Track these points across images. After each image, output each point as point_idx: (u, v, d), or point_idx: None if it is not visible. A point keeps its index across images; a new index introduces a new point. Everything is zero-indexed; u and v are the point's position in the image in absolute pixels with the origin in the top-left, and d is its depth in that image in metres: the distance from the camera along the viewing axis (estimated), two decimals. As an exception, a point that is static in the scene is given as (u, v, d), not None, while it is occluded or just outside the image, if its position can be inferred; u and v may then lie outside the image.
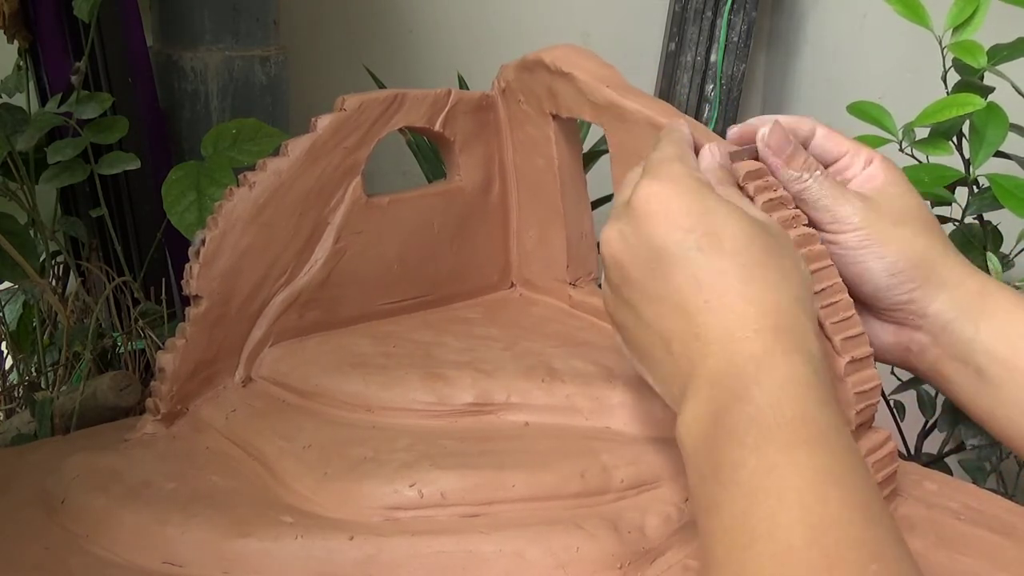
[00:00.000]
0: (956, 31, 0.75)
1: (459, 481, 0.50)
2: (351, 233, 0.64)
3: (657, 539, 0.49)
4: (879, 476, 0.52)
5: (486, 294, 0.72)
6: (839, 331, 0.50)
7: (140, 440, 0.57)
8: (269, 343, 0.62)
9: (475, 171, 0.69)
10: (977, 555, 0.50)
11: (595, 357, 0.60)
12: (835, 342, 0.50)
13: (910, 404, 0.90)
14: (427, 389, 0.57)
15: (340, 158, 0.62)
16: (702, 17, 1.22)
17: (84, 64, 0.85)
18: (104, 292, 0.81)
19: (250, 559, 0.47)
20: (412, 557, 0.47)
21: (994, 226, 0.79)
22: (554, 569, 0.47)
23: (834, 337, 0.50)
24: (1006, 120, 0.72)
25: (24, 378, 0.89)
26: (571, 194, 0.69)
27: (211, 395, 0.60)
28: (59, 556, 0.48)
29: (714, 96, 1.22)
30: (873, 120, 0.76)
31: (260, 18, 0.97)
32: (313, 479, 0.51)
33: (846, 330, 0.50)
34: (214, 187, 0.77)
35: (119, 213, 0.94)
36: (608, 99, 0.60)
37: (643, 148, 0.58)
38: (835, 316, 0.50)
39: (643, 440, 0.54)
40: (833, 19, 1.27)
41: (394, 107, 0.64)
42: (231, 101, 0.97)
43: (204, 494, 0.51)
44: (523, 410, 0.57)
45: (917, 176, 0.72)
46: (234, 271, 0.59)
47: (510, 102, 0.68)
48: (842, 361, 0.50)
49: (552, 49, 0.64)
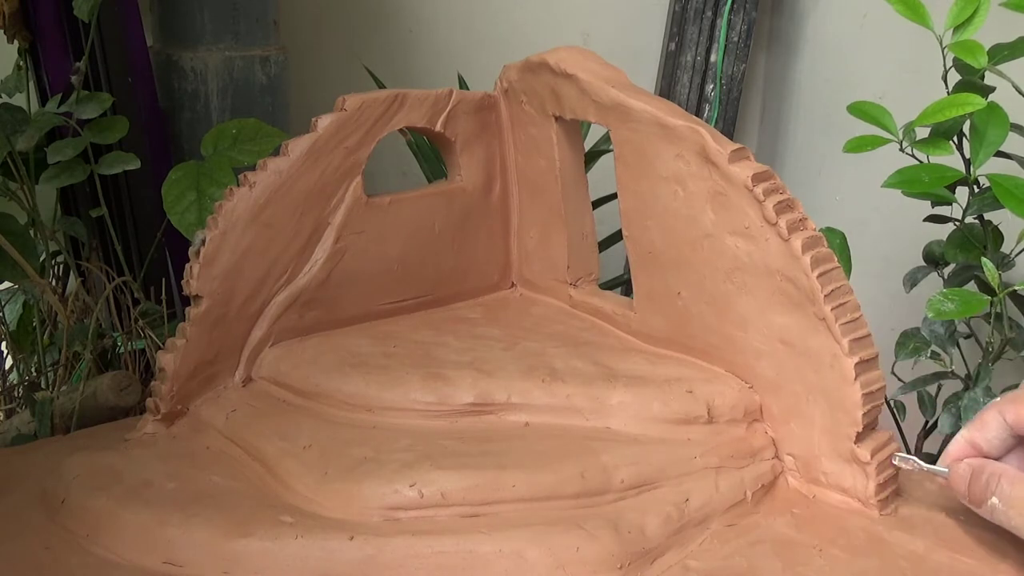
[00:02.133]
0: (957, 31, 0.75)
1: (459, 481, 0.50)
2: (352, 233, 0.64)
3: (657, 539, 0.49)
4: (882, 477, 0.52)
5: (487, 294, 0.72)
6: (848, 333, 0.50)
7: (140, 440, 0.57)
8: (269, 343, 0.62)
9: (476, 171, 0.69)
10: (977, 555, 0.50)
11: (595, 357, 0.60)
12: (844, 344, 0.50)
13: (910, 404, 0.90)
14: (427, 389, 0.57)
15: (341, 158, 0.62)
16: (702, 17, 1.22)
17: (84, 64, 0.85)
18: (104, 292, 0.81)
19: (250, 559, 0.47)
20: (412, 557, 0.47)
21: (994, 226, 0.79)
22: (554, 569, 0.47)
23: (843, 339, 0.50)
24: (1007, 120, 0.72)
25: (24, 378, 0.89)
26: (572, 195, 0.69)
27: (211, 395, 0.60)
28: (59, 556, 0.48)
29: (714, 96, 1.22)
30: (873, 120, 0.76)
31: (260, 18, 0.97)
32: (313, 479, 0.51)
33: (854, 331, 0.51)
34: (214, 187, 0.77)
35: (119, 213, 0.93)
36: (614, 99, 0.60)
37: (647, 147, 0.58)
38: (844, 317, 0.50)
39: (643, 440, 0.54)
40: (833, 19, 1.27)
41: (395, 107, 0.64)
42: (231, 101, 0.96)
43: (204, 494, 0.51)
44: (523, 410, 0.57)
45: (917, 176, 0.72)
46: (234, 271, 0.59)
47: (512, 103, 0.68)
48: (851, 362, 0.50)
49: (556, 51, 0.64)
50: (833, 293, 0.50)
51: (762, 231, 0.52)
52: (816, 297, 0.51)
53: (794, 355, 0.53)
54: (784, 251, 0.52)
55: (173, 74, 0.96)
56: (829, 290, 0.50)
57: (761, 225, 0.52)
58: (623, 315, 0.65)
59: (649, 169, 0.59)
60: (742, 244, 0.54)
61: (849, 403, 0.51)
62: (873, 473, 0.52)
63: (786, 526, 0.52)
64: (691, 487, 0.52)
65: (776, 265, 0.52)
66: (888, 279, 0.94)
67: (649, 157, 0.58)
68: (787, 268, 0.52)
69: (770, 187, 0.51)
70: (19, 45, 0.92)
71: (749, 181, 0.52)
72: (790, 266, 0.52)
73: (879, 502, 0.52)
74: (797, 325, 0.53)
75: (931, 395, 0.89)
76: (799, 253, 0.51)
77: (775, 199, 0.51)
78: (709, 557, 0.49)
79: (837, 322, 0.50)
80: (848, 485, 0.53)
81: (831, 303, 0.50)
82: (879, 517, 0.52)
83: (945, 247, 0.80)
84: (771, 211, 0.51)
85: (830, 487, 0.54)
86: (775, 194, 0.51)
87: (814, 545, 0.50)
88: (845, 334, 0.50)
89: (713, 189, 0.55)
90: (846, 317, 0.50)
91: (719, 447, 0.54)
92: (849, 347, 0.50)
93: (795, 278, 0.52)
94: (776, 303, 0.53)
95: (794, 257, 0.51)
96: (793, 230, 0.51)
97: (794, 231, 0.51)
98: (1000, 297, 0.69)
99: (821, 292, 0.50)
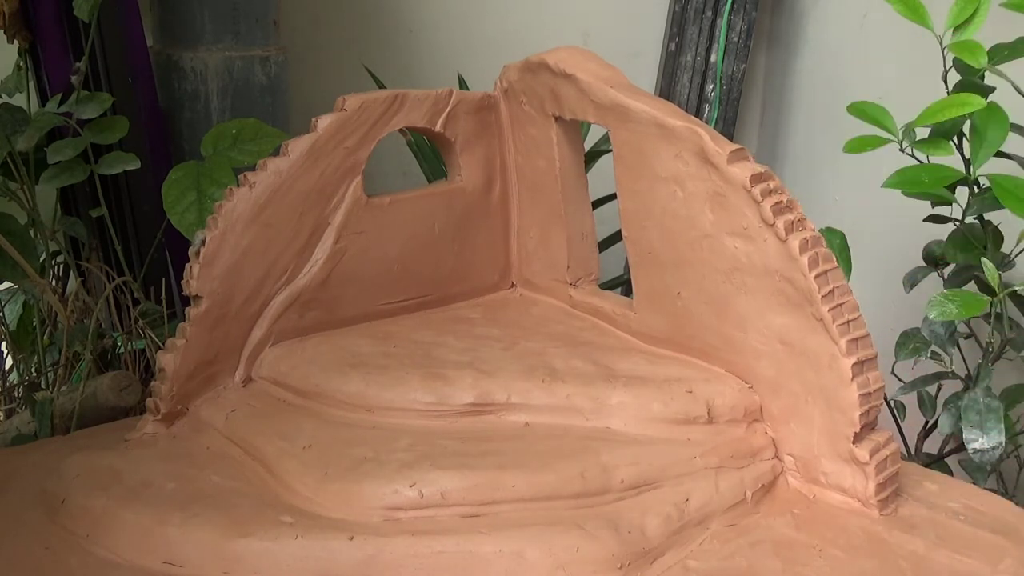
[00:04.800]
0: (957, 31, 0.75)
1: (459, 481, 0.50)
2: (351, 233, 0.64)
3: (657, 539, 0.49)
4: (882, 477, 0.52)
5: (487, 294, 0.72)
6: (845, 333, 0.50)
7: (140, 440, 0.57)
8: (269, 343, 0.62)
9: (476, 171, 0.69)
10: (977, 555, 0.50)
11: (595, 357, 0.60)
12: (841, 344, 0.50)
13: (910, 404, 0.90)
14: (427, 389, 0.57)
15: (341, 158, 0.62)
16: (702, 17, 1.22)
17: (84, 64, 0.85)
18: (104, 292, 0.81)
19: (250, 559, 0.47)
20: (412, 557, 0.47)
21: (995, 226, 0.79)
22: (554, 569, 0.47)
23: (840, 340, 0.50)
24: (1006, 120, 0.72)
25: (24, 378, 0.89)
26: (572, 195, 0.69)
27: (211, 395, 0.60)
28: (59, 556, 0.48)
29: (714, 96, 1.22)
30: (873, 120, 0.76)
31: (260, 18, 0.97)
32: (313, 479, 0.51)
33: (852, 332, 0.51)
34: (214, 187, 0.77)
35: (119, 213, 0.93)
36: (612, 100, 0.60)
37: (646, 147, 0.58)
38: (841, 318, 0.50)
39: (643, 440, 0.54)
40: (833, 19, 1.27)
41: (395, 107, 0.64)
42: (231, 101, 0.96)
43: (204, 494, 0.51)
44: (523, 410, 0.57)
45: (917, 176, 0.72)
46: (234, 271, 0.59)
47: (512, 103, 0.68)
48: (848, 363, 0.50)
49: (555, 51, 0.64)
50: (831, 293, 0.50)
51: (760, 232, 0.52)
52: (814, 297, 0.51)
53: (793, 355, 0.53)
54: (782, 251, 0.52)
55: (173, 74, 0.96)
56: (827, 290, 0.50)
57: (759, 226, 0.52)
58: (623, 315, 0.65)
59: (648, 170, 0.59)
60: (741, 244, 0.54)
61: (846, 403, 0.51)
62: (872, 473, 0.52)
63: (786, 526, 0.52)
64: (691, 487, 0.52)
65: (775, 265, 0.53)
66: (888, 279, 0.94)
67: (648, 157, 0.58)
68: (785, 268, 0.52)
69: (768, 188, 0.51)
70: (19, 45, 0.92)
71: (747, 182, 0.52)
72: (788, 266, 0.52)
73: (879, 502, 0.52)
74: (796, 325, 0.53)
75: (931, 395, 0.89)
76: (797, 254, 0.51)
77: (773, 200, 0.51)
78: (709, 557, 0.49)
79: (835, 322, 0.50)
80: (848, 485, 0.53)
81: (829, 303, 0.50)
82: (879, 517, 0.52)
83: (945, 247, 0.80)
84: (769, 212, 0.51)
85: (830, 487, 0.54)
86: (773, 195, 0.51)
87: (814, 545, 0.50)
88: (843, 334, 0.50)
89: (712, 190, 0.55)
90: (844, 317, 0.50)
91: (719, 447, 0.54)
92: (847, 347, 0.50)
93: (793, 278, 0.52)
94: (775, 303, 0.53)
95: (792, 258, 0.51)
96: (791, 231, 0.51)
97: (792, 232, 0.51)
98: (1000, 297, 0.69)
99: (819, 292, 0.50)
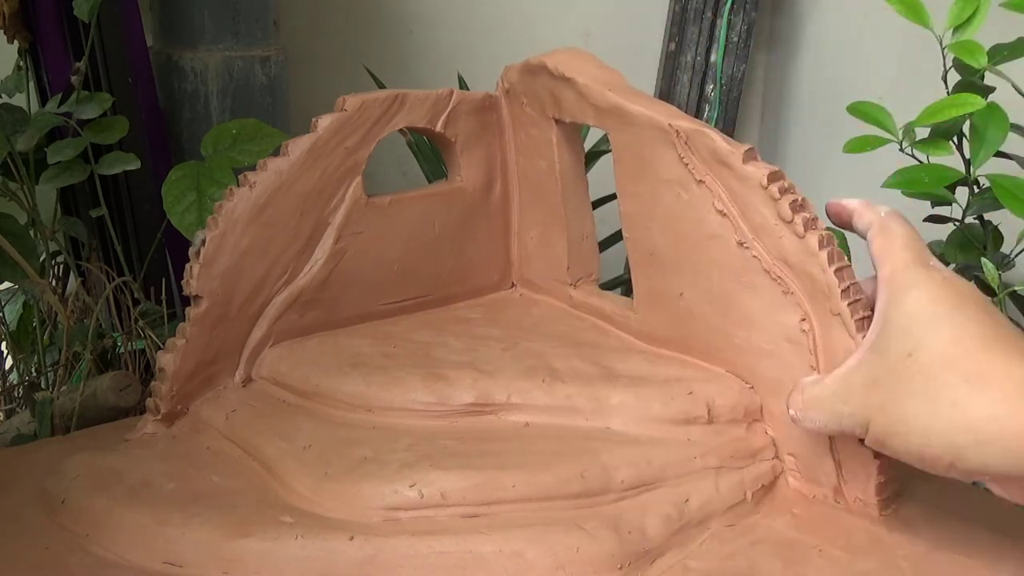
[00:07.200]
0: (956, 31, 0.75)
1: (459, 481, 0.50)
2: (351, 233, 0.64)
3: (657, 539, 0.49)
4: (883, 477, 0.52)
5: (487, 294, 0.72)
6: (862, 328, 0.50)
7: (140, 440, 0.57)
8: (269, 343, 0.62)
9: (476, 171, 0.69)
10: (977, 555, 0.50)
11: (595, 357, 0.60)
12: (858, 340, 0.50)
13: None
14: (427, 389, 0.57)
15: (341, 158, 0.62)
16: (702, 17, 1.22)
17: (84, 64, 0.85)
18: (104, 292, 0.81)
19: (250, 559, 0.47)
20: (412, 557, 0.47)
21: (994, 226, 0.79)
22: (554, 569, 0.47)
23: (857, 336, 0.50)
24: (1006, 120, 0.72)
25: (24, 378, 0.89)
26: (572, 196, 0.69)
27: (211, 395, 0.60)
28: (59, 556, 0.48)
29: (714, 96, 1.22)
30: (873, 120, 0.76)
31: (260, 18, 0.97)
32: (313, 479, 0.51)
33: (867, 328, 0.51)
34: (214, 187, 0.77)
35: (119, 213, 0.93)
36: (611, 103, 0.60)
37: (647, 151, 0.58)
38: (857, 314, 0.50)
39: (643, 440, 0.54)
40: (833, 19, 1.27)
41: (395, 107, 0.64)
42: (231, 101, 0.97)
43: (204, 494, 0.51)
44: (523, 410, 0.57)
45: (917, 176, 0.72)
46: (234, 271, 0.59)
47: (514, 103, 0.68)
48: None
49: (554, 53, 0.64)
50: (848, 290, 0.50)
51: (776, 229, 0.52)
52: (833, 292, 0.51)
53: (800, 353, 0.53)
54: (800, 248, 0.52)
55: (173, 74, 0.96)
56: (844, 287, 0.50)
57: (776, 223, 0.52)
58: (623, 315, 0.65)
59: (650, 172, 0.59)
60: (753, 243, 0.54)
61: None
62: (874, 473, 0.52)
63: (786, 526, 0.52)
64: (691, 487, 0.52)
65: (789, 263, 0.53)
66: (888, 279, 0.93)
67: (649, 160, 0.58)
68: (802, 265, 0.52)
69: (784, 186, 0.52)
70: (19, 45, 0.92)
71: (764, 179, 0.52)
72: (806, 263, 0.52)
73: (879, 502, 0.52)
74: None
75: (931, 395, 0.89)
76: (816, 249, 0.51)
77: (790, 197, 0.51)
78: (709, 557, 0.49)
79: (852, 317, 0.50)
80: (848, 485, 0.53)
81: (846, 299, 0.50)
82: (879, 517, 0.52)
83: (945, 247, 0.80)
84: (787, 209, 0.51)
85: (830, 487, 0.54)
86: (790, 193, 0.52)
87: (814, 545, 0.50)
88: (859, 330, 0.50)
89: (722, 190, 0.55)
90: (859, 314, 0.50)
91: (719, 447, 0.54)
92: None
93: (812, 274, 0.52)
94: (787, 301, 0.53)
95: (811, 253, 0.51)
96: (807, 228, 0.51)
97: (808, 229, 0.51)
98: (1000, 297, 0.69)
99: (839, 287, 0.50)
